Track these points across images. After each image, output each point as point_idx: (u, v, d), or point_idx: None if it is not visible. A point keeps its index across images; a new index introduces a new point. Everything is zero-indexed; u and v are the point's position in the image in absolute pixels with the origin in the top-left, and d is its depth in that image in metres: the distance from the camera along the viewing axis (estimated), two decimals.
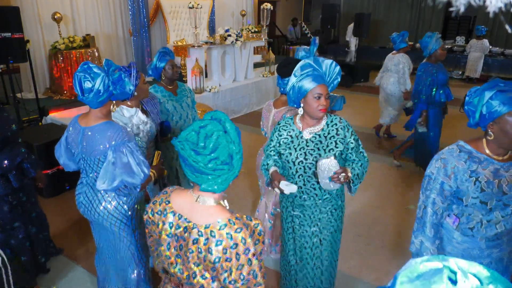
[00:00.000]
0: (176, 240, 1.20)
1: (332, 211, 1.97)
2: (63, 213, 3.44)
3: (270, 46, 8.57)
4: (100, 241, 2.09)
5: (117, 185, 1.72)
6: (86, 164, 1.84)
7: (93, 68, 1.66)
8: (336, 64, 1.82)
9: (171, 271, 1.24)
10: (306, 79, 1.76)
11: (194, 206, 1.19)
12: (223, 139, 1.11)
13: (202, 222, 1.16)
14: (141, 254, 2.05)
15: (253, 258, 1.13)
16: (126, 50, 7.31)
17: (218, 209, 1.18)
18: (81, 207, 1.94)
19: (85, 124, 1.80)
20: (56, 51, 5.60)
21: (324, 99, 1.77)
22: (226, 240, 1.11)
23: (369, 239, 3.20)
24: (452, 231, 1.68)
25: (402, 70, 4.91)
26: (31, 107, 4.92)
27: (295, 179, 1.89)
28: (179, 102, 3.01)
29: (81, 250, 2.97)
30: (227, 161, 1.13)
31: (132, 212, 1.94)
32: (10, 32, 3.96)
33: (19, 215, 2.41)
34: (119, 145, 1.72)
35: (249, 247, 1.12)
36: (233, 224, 1.14)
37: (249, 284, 1.14)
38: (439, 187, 1.64)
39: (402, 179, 4.33)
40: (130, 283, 2.05)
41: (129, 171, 1.72)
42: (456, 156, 1.58)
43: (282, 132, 1.93)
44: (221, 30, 6.29)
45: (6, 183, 2.23)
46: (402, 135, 5.44)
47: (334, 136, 1.85)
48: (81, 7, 6.40)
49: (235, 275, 1.12)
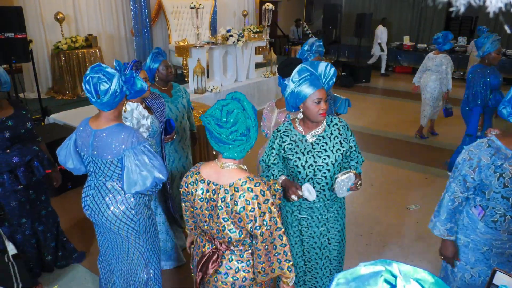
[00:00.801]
0: (207, 203, 1.47)
1: (337, 209, 1.99)
2: (65, 213, 3.45)
3: (271, 46, 8.58)
4: (105, 243, 2.08)
5: (150, 185, 1.76)
6: (96, 167, 1.83)
7: (106, 69, 1.65)
8: (332, 66, 1.81)
9: (205, 228, 1.51)
10: (305, 84, 1.75)
11: (219, 171, 1.45)
12: (241, 115, 1.36)
13: (227, 182, 1.42)
14: (151, 255, 2.03)
15: (272, 206, 1.39)
16: (128, 50, 7.33)
17: (239, 171, 1.44)
18: (88, 210, 1.92)
19: (96, 127, 1.79)
20: (58, 51, 5.62)
21: (324, 103, 1.77)
22: (248, 193, 1.37)
23: (369, 239, 3.21)
24: (476, 221, 1.72)
25: (445, 71, 4.98)
26: (34, 107, 4.93)
27: (304, 182, 1.88)
28: (174, 104, 2.96)
29: (83, 250, 2.98)
30: (245, 133, 1.39)
31: (140, 216, 1.92)
32: (13, 32, 3.98)
33: (27, 212, 2.44)
34: (137, 146, 1.75)
35: (268, 198, 1.38)
36: (252, 180, 1.40)
37: (271, 230, 1.40)
38: (462, 178, 1.69)
39: (402, 179, 4.33)
40: (139, 282, 2.04)
41: (155, 168, 1.77)
42: (484, 150, 1.61)
43: (285, 138, 1.91)
44: (223, 30, 6.30)
45: (14, 179, 2.26)
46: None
47: (337, 136, 1.87)
48: (83, 7, 6.42)
49: (259, 221, 1.37)
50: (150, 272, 2.04)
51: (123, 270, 2.08)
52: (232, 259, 1.52)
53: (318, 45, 2.98)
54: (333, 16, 10.45)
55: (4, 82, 2.22)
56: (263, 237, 1.40)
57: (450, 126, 6.34)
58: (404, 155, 5.00)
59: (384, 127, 6.16)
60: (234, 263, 1.52)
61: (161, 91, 2.89)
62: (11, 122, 2.22)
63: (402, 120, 6.60)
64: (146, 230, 1.97)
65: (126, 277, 2.09)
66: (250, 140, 1.42)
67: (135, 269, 2.02)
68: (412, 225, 3.43)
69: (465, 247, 1.81)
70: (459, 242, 1.84)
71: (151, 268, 2.03)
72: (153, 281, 2.06)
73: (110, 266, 2.15)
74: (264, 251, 1.43)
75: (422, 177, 4.40)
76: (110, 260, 2.13)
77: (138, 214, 1.90)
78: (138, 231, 1.93)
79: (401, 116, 6.87)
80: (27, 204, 2.42)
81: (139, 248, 1.98)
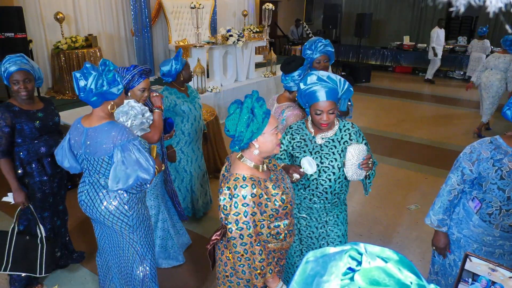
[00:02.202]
0: (220, 181, 1.60)
1: (337, 213, 1.99)
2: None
3: (271, 46, 8.58)
4: (102, 238, 2.10)
5: (132, 183, 1.76)
6: (90, 164, 1.86)
7: (88, 68, 1.69)
8: (345, 80, 1.79)
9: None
10: (310, 92, 1.75)
11: (235, 161, 1.56)
12: (235, 117, 1.44)
13: (233, 171, 1.53)
14: (146, 251, 2.05)
15: (249, 210, 1.44)
16: (128, 50, 7.33)
17: (245, 168, 1.51)
18: (83, 206, 1.96)
19: (88, 125, 1.81)
20: (58, 51, 5.62)
21: (326, 115, 1.75)
22: (232, 189, 1.45)
23: (369, 239, 3.21)
24: (471, 214, 1.77)
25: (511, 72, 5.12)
26: None
27: (308, 182, 1.89)
28: (192, 103, 3.07)
29: (83, 250, 2.98)
30: (232, 135, 1.47)
31: (133, 211, 1.94)
32: (13, 32, 3.98)
33: (50, 205, 2.53)
34: (126, 144, 1.75)
35: (247, 202, 1.44)
36: (245, 180, 1.46)
37: (242, 232, 1.45)
38: (460, 170, 1.77)
39: (402, 179, 4.33)
40: (135, 280, 2.05)
41: (141, 167, 1.77)
42: (485, 145, 1.69)
43: (295, 135, 1.93)
44: (223, 30, 6.30)
45: (42, 168, 2.40)
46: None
47: (347, 141, 1.86)
48: (83, 7, 6.42)
49: (231, 220, 1.45)
50: (146, 269, 2.05)
51: (120, 267, 2.10)
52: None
53: (324, 45, 2.72)
54: (333, 16, 10.45)
55: (38, 78, 2.37)
56: (231, 234, 1.47)
57: (450, 126, 6.35)
58: (404, 155, 5.01)
59: (384, 127, 6.16)
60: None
61: (180, 91, 3.03)
62: (41, 114, 2.37)
63: (402, 120, 6.61)
64: (139, 226, 1.99)
65: (123, 274, 2.11)
66: (239, 141, 1.47)
67: (131, 266, 2.04)
68: (412, 225, 3.43)
69: (457, 242, 1.84)
70: (452, 237, 1.87)
71: (146, 265, 2.05)
72: (150, 278, 2.08)
73: (107, 263, 2.18)
74: (233, 249, 1.50)
75: (422, 177, 4.41)
76: (107, 256, 2.15)
77: (131, 209, 1.93)
78: (131, 226, 1.95)
79: (401, 116, 6.87)
80: (50, 197, 2.51)
81: (133, 244, 2.00)
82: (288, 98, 2.49)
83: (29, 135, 2.31)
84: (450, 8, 0.64)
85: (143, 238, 2.02)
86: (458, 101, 7.95)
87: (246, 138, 1.45)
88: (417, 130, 6.03)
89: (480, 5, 0.61)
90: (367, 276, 0.50)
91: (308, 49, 2.79)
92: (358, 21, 9.53)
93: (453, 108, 7.46)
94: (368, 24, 9.48)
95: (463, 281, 1.37)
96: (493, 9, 0.60)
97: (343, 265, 0.51)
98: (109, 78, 1.73)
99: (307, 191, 1.92)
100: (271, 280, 1.56)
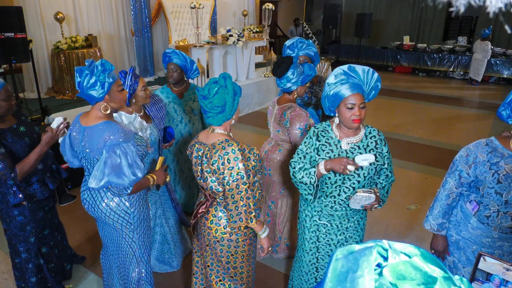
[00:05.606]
0: (199, 159, 1.78)
1: (358, 220, 1.95)
2: (66, 213, 3.45)
3: (271, 46, 8.58)
4: (105, 237, 2.10)
5: (103, 185, 1.71)
6: (88, 163, 1.86)
7: (90, 65, 1.71)
8: (374, 71, 1.74)
9: (199, 182, 1.84)
10: (339, 88, 1.68)
11: (209, 135, 1.78)
12: (221, 90, 1.65)
13: (210, 142, 1.74)
14: (143, 253, 2.05)
15: (240, 163, 1.65)
16: (128, 50, 7.33)
17: (221, 135, 1.75)
18: (85, 204, 1.95)
19: (85, 124, 1.81)
20: (58, 51, 5.61)
21: (358, 109, 1.67)
22: (221, 150, 1.66)
23: (369, 239, 3.20)
24: (470, 216, 1.75)
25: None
26: (34, 107, 4.94)
27: (331, 188, 1.84)
28: (181, 106, 3.03)
29: (86, 252, 2.98)
30: (219, 105, 1.66)
31: (134, 209, 1.94)
32: (13, 32, 3.97)
33: (49, 222, 2.41)
34: (113, 145, 1.72)
35: (237, 156, 1.65)
36: (227, 141, 1.69)
37: (238, 182, 1.66)
38: (457, 174, 1.75)
39: (402, 179, 4.33)
40: (130, 281, 2.06)
41: (117, 172, 1.71)
42: (481, 148, 1.67)
43: (321, 138, 1.83)
44: (223, 30, 6.30)
45: (43, 186, 2.23)
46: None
47: (373, 149, 1.79)
48: (83, 7, 6.42)
49: (226, 174, 1.65)
50: (142, 271, 2.05)
51: (119, 266, 2.11)
52: (217, 209, 1.82)
53: (306, 44, 2.71)
54: (333, 16, 10.47)
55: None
56: (229, 187, 1.67)
57: (450, 126, 6.35)
58: (404, 155, 5.01)
59: (384, 127, 6.15)
60: (218, 212, 1.82)
61: (173, 91, 3.05)
62: (24, 128, 2.15)
63: (402, 119, 6.61)
64: (140, 225, 1.98)
65: (122, 274, 2.11)
66: (224, 112, 1.69)
67: (127, 267, 2.04)
68: (412, 225, 3.43)
69: (456, 243, 1.83)
70: (451, 239, 1.86)
71: (142, 267, 2.05)
72: (145, 281, 2.07)
73: (110, 262, 2.18)
74: (231, 200, 1.69)
75: (422, 177, 4.41)
76: (109, 256, 2.16)
77: (132, 206, 1.92)
78: (132, 224, 1.94)
79: (401, 116, 6.88)
80: (49, 213, 2.39)
81: (131, 244, 1.99)
82: (288, 99, 2.48)
83: (23, 156, 2.07)
84: (450, 8, 0.64)
85: (141, 239, 2.02)
86: (458, 101, 7.95)
87: (234, 109, 1.71)
88: (417, 130, 6.04)
89: (480, 5, 0.61)
90: (395, 270, 0.52)
91: (288, 49, 2.74)
92: (358, 21, 9.55)
93: (453, 108, 7.46)
94: (368, 24, 9.49)
95: (476, 281, 1.36)
96: (493, 9, 0.60)
97: (374, 260, 0.54)
98: (91, 83, 1.70)
99: (328, 198, 1.86)
100: (259, 223, 1.77)
